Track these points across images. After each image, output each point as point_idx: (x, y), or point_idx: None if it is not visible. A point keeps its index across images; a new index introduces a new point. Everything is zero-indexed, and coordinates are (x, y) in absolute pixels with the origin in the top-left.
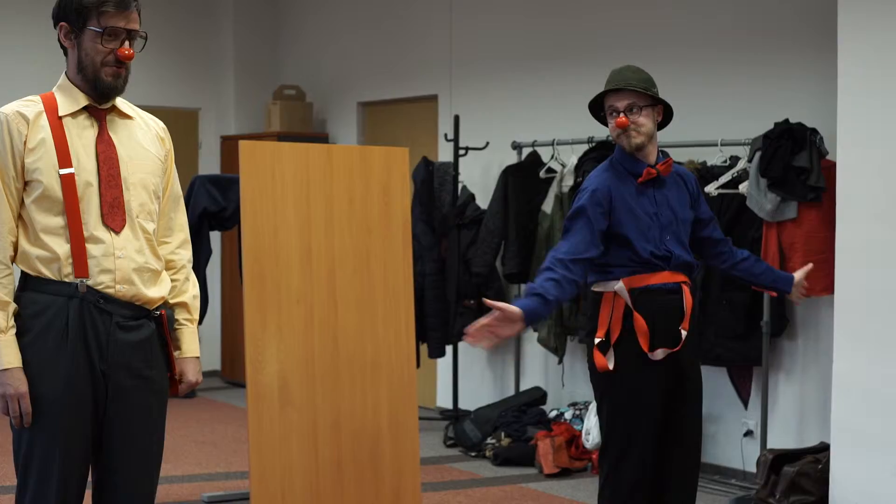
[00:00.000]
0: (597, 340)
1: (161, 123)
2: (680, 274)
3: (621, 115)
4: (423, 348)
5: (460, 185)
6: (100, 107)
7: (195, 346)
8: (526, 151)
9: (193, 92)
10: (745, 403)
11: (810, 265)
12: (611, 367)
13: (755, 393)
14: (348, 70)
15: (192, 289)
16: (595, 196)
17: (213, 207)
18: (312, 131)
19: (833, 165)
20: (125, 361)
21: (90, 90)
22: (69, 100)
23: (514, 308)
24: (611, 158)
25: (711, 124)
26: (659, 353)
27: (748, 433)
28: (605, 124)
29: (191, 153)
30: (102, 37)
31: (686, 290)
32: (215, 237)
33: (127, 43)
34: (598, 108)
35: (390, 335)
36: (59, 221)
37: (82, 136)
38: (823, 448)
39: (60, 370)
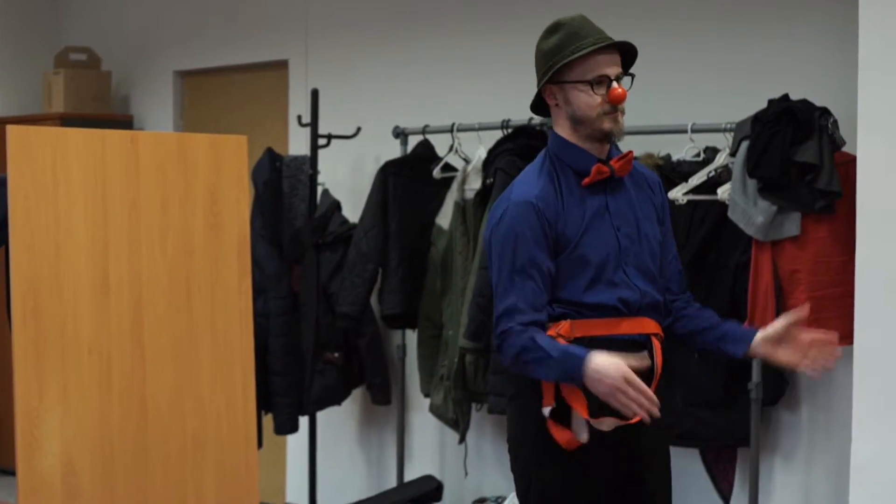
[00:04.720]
0: (547, 409)
1: None
2: (648, 321)
3: (614, 83)
4: (268, 420)
5: (320, 189)
6: None
7: None
8: (413, 141)
9: None
10: (727, 499)
11: (800, 313)
12: (584, 439)
13: (741, 485)
14: (161, 27)
15: None
16: (536, 210)
17: None
18: (111, 112)
19: (852, 161)
20: None
21: None
22: None
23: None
24: (547, 151)
25: (678, 103)
26: (606, 424)
27: None
28: (541, 108)
29: None
30: None
31: (657, 344)
32: None
33: None
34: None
35: (220, 401)
36: None
37: None
38: None
39: None
